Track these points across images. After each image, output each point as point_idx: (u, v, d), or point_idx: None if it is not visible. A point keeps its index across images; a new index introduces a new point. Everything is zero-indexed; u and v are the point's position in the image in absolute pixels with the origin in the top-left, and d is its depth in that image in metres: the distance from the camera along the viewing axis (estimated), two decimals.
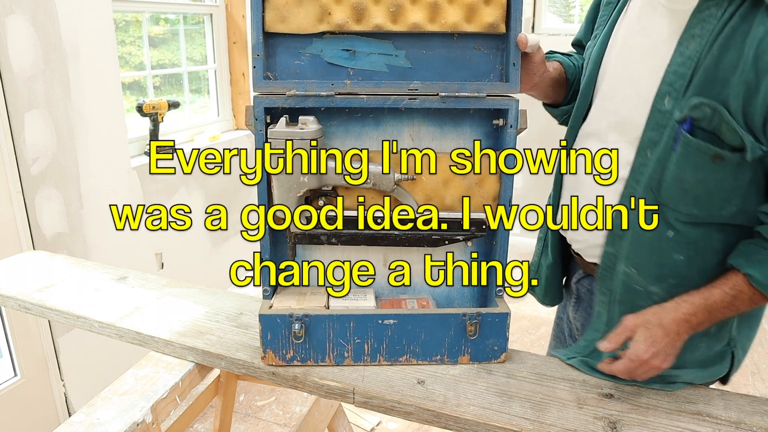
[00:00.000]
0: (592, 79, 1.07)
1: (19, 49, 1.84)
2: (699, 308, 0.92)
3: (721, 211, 0.92)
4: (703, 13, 0.86)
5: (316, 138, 1.00)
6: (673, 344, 0.93)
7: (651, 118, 0.93)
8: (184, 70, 2.92)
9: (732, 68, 0.83)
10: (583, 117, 1.10)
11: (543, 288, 1.24)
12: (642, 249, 0.97)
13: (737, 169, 0.88)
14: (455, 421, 0.96)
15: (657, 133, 0.92)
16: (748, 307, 0.93)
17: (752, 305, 0.93)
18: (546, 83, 1.13)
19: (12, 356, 1.98)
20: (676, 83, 0.89)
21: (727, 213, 0.92)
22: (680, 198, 0.92)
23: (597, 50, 1.06)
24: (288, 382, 1.06)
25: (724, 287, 0.92)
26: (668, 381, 1.02)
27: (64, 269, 1.48)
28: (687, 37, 0.88)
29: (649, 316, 0.95)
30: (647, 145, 0.94)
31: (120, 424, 1.00)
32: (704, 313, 0.93)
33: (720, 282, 0.93)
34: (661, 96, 0.91)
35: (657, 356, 0.93)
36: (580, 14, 3.80)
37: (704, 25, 0.86)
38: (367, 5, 1.01)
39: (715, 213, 0.92)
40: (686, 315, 0.93)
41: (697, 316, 0.93)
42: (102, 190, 2.21)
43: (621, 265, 1.00)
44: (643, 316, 0.95)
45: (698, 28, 0.87)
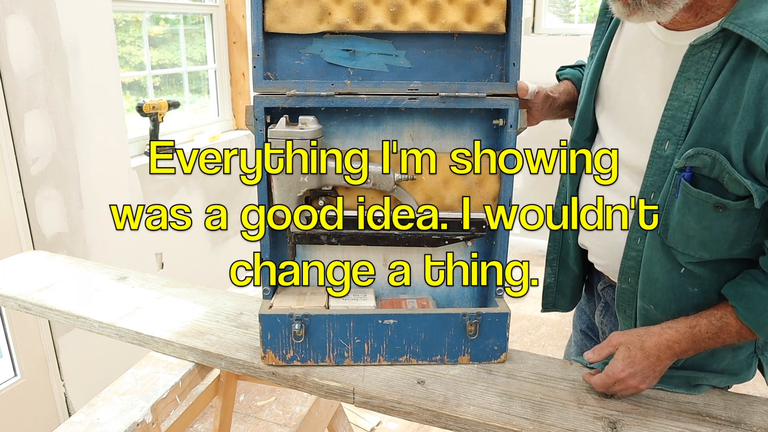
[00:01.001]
0: (589, 104, 1.06)
1: (19, 49, 1.84)
2: (684, 336, 0.92)
3: (731, 252, 0.90)
4: (696, 56, 0.85)
5: (316, 138, 1.00)
6: (653, 368, 0.93)
7: (652, 162, 0.92)
8: (184, 70, 2.92)
9: (732, 115, 0.81)
10: (587, 140, 1.09)
11: (569, 299, 1.22)
12: (655, 286, 0.96)
13: (743, 215, 0.85)
14: (455, 421, 0.96)
15: (659, 178, 0.91)
16: (735, 340, 0.91)
17: (739, 339, 0.91)
18: (555, 113, 1.14)
19: (12, 356, 1.98)
20: (675, 128, 0.88)
21: (738, 252, 0.90)
22: (686, 243, 0.90)
23: (593, 73, 1.05)
24: (288, 382, 1.06)
25: (712, 318, 0.91)
26: (693, 384, 1.01)
27: (64, 269, 1.48)
28: (682, 80, 0.86)
29: (633, 338, 0.95)
30: (650, 189, 0.93)
31: (120, 424, 1.00)
32: (688, 342, 0.92)
33: (710, 312, 0.92)
34: (660, 141, 0.90)
35: (634, 377, 0.93)
36: (580, 14, 3.80)
37: (699, 68, 0.84)
38: (368, 5, 1.01)
39: (725, 254, 0.90)
40: (669, 342, 0.92)
41: (680, 344, 0.92)
42: (102, 190, 2.21)
43: (638, 300, 0.99)
44: (629, 336, 0.95)
45: (693, 71, 0.85)
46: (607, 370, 0.95)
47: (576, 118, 1.09)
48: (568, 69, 1.22)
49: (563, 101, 1.15)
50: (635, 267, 0.97)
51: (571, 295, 1.22)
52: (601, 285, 1.17)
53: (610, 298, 1.14)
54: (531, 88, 1.03)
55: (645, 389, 0.96)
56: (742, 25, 0.79)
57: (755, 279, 0.88)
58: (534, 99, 1.07)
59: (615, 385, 0.95)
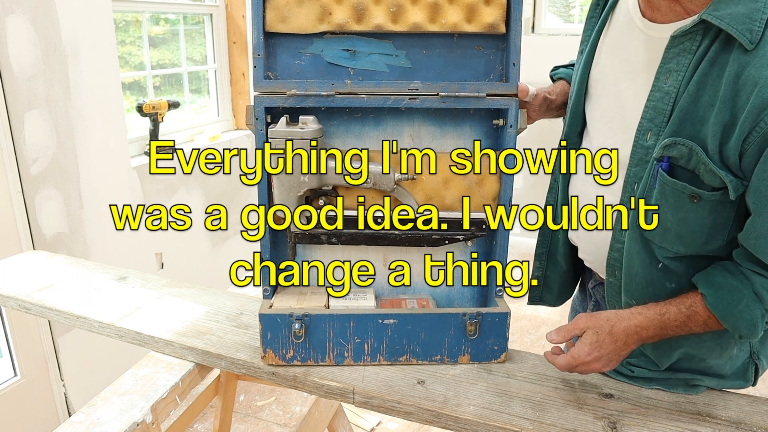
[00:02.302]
0: (580, 98, 1.07)
1: (19, 49, 1.84)
2: (652, 323, 0.92)
3: (707, 247, 0.91)
4: (677, 48, 0.86)
5: (317, 138, 1.00)
6: (618, 352, 0.93)
7: (634, 152, 0.93)
8: (184, 70, 2.92)
9: (709, 107, 0.82)
10: (578, 135, 1.10)
11: (556, 294, 1.23)
12: (636, 281, 0.97)
13: (718, 208, 0.86)
14: (455, 421, 0.96)
15: (641, 168, 0.92)
16: (702, 329, 0.91)
17: (705, 328, 0.91)
18: (553, 112, 1.15)
19: (12, 356, 1.98)
20: (656, 119, 0.89)
21: (713, 248, 0.91)
22: (663, 236, 0.91)
23: (582, 68, 1.06)
24: (288, 382, 1.06)
25: (682, 306, 0.91)
26: (691, 384, 1.02)
27: (64, 269, 1.48)
28: (664, 71, 0.88)
29: (602, 321, 0.94)
30: (633, 179, 0.94)
31: (120, 424, 1.00)
32: (656, 328, 0.92)
33: (679, 299, 0.92)
34: (642, 131, 0.91)
35: (599, 360, 0.93)
36: (580, 14, 3.80)
37: (680, 59, 0.86)
38: (368, 5, 1.01)
39: (701, 249, 0.91)
40: (637, 327, 0.92)
41: (648, 330, 0.92)
42: (102, 190, 2.21)
43: (622, 294, 1.00)
44: (597, 319, 0.95)
45: (674, 62, 0.86)
46: (572, 352, 0.95)
47: (567, 113, 1.10)
48: (562, 69, 1.23)
49: (560, 102, 1.15)
50: (619, 259, 0.99)
51: (558, 290, 1.22)
52: (591, 283, 1.18)
53: (600, 296, 1.15)
54: (531, 91, 1.04)
55: (607, 371, 0.97)
56: (721, 17, 0.80)
57: (726, 269, 0.89)
58: (532, 101, 1.08)
59: (578, 367, 0.95)
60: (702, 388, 1.02)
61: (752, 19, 0.78)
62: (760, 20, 0.78)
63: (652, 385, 1.03)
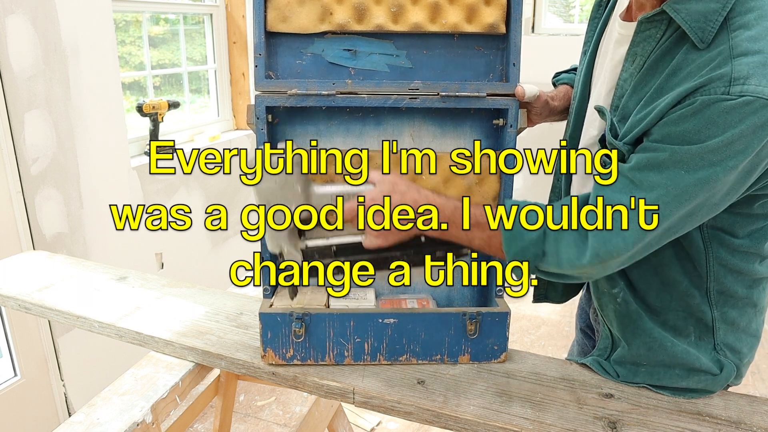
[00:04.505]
0: (584, 98, 1.07)
1: (19, 49, 1.84)
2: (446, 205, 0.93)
3: None
4: (644, 33, 0.87)
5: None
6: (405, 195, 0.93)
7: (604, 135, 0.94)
8: (184, 70, 2.92)
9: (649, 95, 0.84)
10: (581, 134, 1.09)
11: (561, 292, 1.22)
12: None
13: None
14: (455, 421, 0.96)
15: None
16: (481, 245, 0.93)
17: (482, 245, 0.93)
18: (555, 116, 1.15)
19: (12, 356, 1.98)
20: (619, 99, 0.91)
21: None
22: None
23: (586, 69, 1.06)
24: (288, 382, 1.06)
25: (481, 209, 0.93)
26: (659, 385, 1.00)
27: (64, 269, 1.48)
28: (631, 54, 0.90)
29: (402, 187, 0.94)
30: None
31: (120, 424, 1.00)
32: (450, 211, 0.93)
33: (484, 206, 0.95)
34: (612, 110, 0.93)
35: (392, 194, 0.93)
36: (580, 14, 3.80)
37: (645, 45, 0.87)
38: (369, 5, 1.01)
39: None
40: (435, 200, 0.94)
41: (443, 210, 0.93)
42: (102, 190, 2.21)
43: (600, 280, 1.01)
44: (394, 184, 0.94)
45: (640, 47, 0.88)
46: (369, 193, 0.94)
47: (571, 114, 1.10)
48: (564, 74, 1.23)
49: (563, 106, 1.16)
50: None
51: (563, 288, 1.22)
52: None
53: None
54: (530, 91, 1.04)
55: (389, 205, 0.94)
56: (678, 11, 0.81)
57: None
58: (534, 103, 1.08)
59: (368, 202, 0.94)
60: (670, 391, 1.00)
61: (708, 19, 0.79)
62: (715, 21, 0.79)
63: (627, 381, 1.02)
